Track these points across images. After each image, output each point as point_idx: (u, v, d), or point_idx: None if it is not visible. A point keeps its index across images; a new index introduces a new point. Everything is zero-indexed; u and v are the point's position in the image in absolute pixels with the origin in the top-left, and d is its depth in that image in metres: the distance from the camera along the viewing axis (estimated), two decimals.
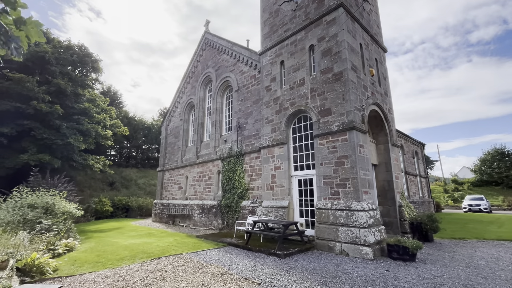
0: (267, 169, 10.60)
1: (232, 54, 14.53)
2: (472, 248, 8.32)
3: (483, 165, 41.32)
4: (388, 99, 11.20)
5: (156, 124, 39.68)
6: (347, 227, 7.44)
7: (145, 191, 29.45)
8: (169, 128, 20.02)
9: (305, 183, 9.50)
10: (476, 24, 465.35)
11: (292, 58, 10.47)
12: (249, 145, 12.21)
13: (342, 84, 8.49)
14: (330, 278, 5.34)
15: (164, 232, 12.37)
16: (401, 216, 9.60)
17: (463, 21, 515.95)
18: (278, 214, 9.56)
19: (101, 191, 25.58)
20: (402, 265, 6.30)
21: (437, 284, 4.98)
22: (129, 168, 34.19)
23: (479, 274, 5.64)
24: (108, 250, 8.06)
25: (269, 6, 12.19)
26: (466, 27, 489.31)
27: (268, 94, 11.20)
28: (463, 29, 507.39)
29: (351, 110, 8.16)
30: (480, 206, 24.97)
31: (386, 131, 10.50)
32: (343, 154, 8.11)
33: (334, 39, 9.01)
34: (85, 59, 21.37)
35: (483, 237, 10.19)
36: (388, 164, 10.23)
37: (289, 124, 10.25)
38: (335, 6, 9.09)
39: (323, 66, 9.19)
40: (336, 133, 8.35)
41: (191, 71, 18.48)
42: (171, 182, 18.16)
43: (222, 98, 15.44)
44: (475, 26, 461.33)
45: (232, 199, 12.15)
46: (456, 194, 38.18)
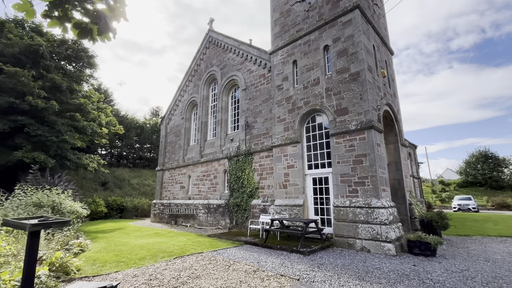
0: (279, 167, 10.61)
1: (239, 53, 14.48)
2: (481, 244, 8.66)
3: (468, 167, 43.13)
4: (396, 100, 11.50)
5: (148, 123, 38.92)
6: (367, 224, 7.56)
7: (139, 191, 28.73)
8: (169, 127, 19.67)
9: (319, 182, 9.58)
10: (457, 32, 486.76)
11: (305, 58, 10.56)
12: (259, 144, 12.18)
13: (360, 84, 8.64)
14: (364, 273, 5.41)
15: (171, 232, 12.11)
16: (412, 214, 9.86)
17: (445, 28, 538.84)
18: (293, 212, 9.58)
19: (94, 191, 24.75)
20: (426, 260, 6.47)
21: (469, 277, 5.15)
22: (121, 168, 33.29)
23: (501, 267, 5.88)
24: (124, 249, 7.80)
25: (279, 6, 12.25)
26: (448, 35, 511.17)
27: (280, 93, 11.23)
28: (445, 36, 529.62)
29: (369, 110, 8.31)
30: (469, 206, 26.04)
31: (396, 131, 10.77)
32: (361, 153, 8.25)
33: (350, 40, 9.17)
34: (80, 54, 20.66)
35: (486, 234, 10.64)
36: (398, 163, 10.50)
37: (302, 123, 10.31)
38: (351, 8, 9.25)
39: (339, 66, 9.32)
40: (354, 132, 8.48)
41: (193, 69, 18.25)
42: (172, 182, 17.82)
43: (227, 96, 15.34)
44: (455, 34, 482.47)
45: (241, 198, 12.06)
46: (443, 195, 39.66)
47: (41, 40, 17.67)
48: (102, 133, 21.71)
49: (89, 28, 2.11)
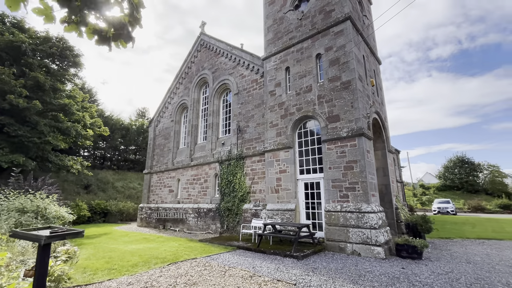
0: (271, 172, 10.73)
1: (231, 58, 14.55)
2: (462, 246, 9.15)
3: (446, 171, 45.23)
4: (384, 108, 11.98)
5: (134, 124, 38.03)
6: (358, 228, 7.81)
7: (124, 195, 27.93)
8: (157, 129, 19.36)
9: (311, 187, 9.79)
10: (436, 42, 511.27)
11: (298, 65, 10.80)
12: (251, 148, 12.27)
13: (351, 92, 8.95)
14: (357, 276, 5.60)
15: (160, 237, 11.90)
16: (398, 218, 10.27)
17: (425, 38, 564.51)
18: (285, 216, 9.71)
19: (76, 194, 23.84)
20: (413, 263, 6.77)
21: (454, 279, 5.46)
22: (105, 170, 32.28)
23: (482, 268, 6.27)
24: (114, 256, 7.61)
25: (273, 13, 12.48)
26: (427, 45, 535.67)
27: (273, 99, 11.40)
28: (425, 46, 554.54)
29: (360, 118, 8.63)
30: (448, 209, 27.30)
31: (383, 138, 11.21)
32: (352, 159, 8.52)
33: (342, 49, 9.49)
34: (65, 53, 19.99)
35: (465, 236, 11.23)
36: (386, 169, 10.92)
37: (295, 129, 10.51)
38: (343, 19, 9.60)
39: (331, 74, 9.61)
40: (345, 138, 8.76)
41: (184, 71, 18.12)
42: (160, 185, 17.51)
43: (219, 100, 15.35)
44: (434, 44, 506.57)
45: (232, 202, 12.07)
46: (424, 198, 41.33)
47: (24, 36, 16.97)
48: (87, 135, 21.02)
49: (108, 36, 2.13)
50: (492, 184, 41.35)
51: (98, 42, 2.06)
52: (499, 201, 33.53)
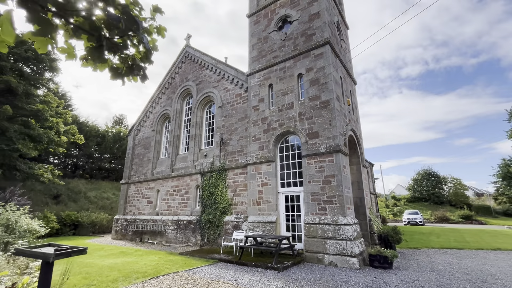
0: (253, 185, 11.02)
1: (216, 71, 14.91)
2: (427, 256, 9.93)
3: (415, 183, 48.14)
4: (359, 126, 12.85)
5: (110, 131, 36.76)
6: (334, 240, 8.26)
7: (97, 205, 26.59)
8: (137, 138, 18.99)
9: (291, 199, 10.18)
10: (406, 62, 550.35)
11: (281, 82, 11.38)
12: (233, 160, 12.51)
13: (329, 111, 9.62)
14: (334, 286, 5.97)
15: (139, 250, 11.59)
16: (371, 229, 10.92)
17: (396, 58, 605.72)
18: (266, 229, 9.97)
19: (44, 205, 22.35)
20: (384, 273, 7.30)
21: (419, 286, 6.01)
22: (77, 179, 30.63)
23: (444, 276, 6.92)
24: (91, 271, 7.38)
25: (258, 32, 13.10)
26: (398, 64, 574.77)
27: (256, 114, 11.83)
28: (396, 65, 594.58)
29: (337, 135, 9.27)
30: (416, 220, 29.00)
31: (358, 153, 11.99)
32: (330, 174, 9.07)
33: (322, 71, 10.22)
34: (41, 57, 19.22)
35: (431, 246, 12.15)
36: (360, 183, 11.63)
37: (277, 143, 10.96)
38: (323, 43, 10.38)
39: (311, 93, 10.27)
40: (323, 154, 9.33)
41: (167, 82, 18.15)
42: (138, 196, 17.07)
43: (202, 112, 15.52)
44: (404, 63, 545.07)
45: (214, 214, 12.12)
46: (395, 209, 43.43)
47: None
48: (60, 142, 20.06)
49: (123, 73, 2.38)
50: (455, 196, 44.63)
51: (113, 77, 2.29)
52: (461, 212, 36.24)
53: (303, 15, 11.43)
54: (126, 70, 2.32)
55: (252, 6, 13.75)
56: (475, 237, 16.05)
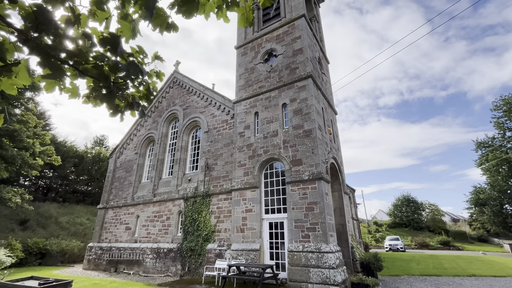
0: (237, 211, 10.98)
1: (203, 97, 15.31)
2: (407, 284, 10.08)
3: (395, 209, 49.26)
4: (340, 154, 13.43)
5: (90, 152, 35.53)
6: (318, 268, 8.28)
7: (68, 232, 24.83)
8: (119, 161, 18.53)
9: (275, 226, 10.20)
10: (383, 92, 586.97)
11: (266, 111, 11.89)
12: (218, 186, 12.49)
13: (312, 140, 10.09)
14: None
15: (113, 281, 10.87)
16: (353, 256, 11.03)
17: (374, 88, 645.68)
18: (249, 257, 9.81)
19: (10, 231, 20.63)
20: None
21: None
22: (48, 203, 28.77)
23: None
24: None
25: (245, 63, 13.83)
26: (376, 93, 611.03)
27: (241, 140, 12.12)
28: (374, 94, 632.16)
29: (319, 163, 9.66)
30: (397, 246, 29.36)
31: (339, 180, 12.40)
32: (313, 201, 9.30)
33: (304, 102, 10.85)
34: None
35: (411, 273, 12.35)
36: (342, 210, 11.91)
37: (261, 169, 11.17)
38: (306, 76, 11.14)
39: (295, 122, 10.78)
40: (306, 181, 9.61)
41: (154, 105, 18.27)
42: (115, 222, 16.28)
43: (188, 136, 15.62)
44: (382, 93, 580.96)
45: (196, 241, 11.78)
46: (377, 235, 43.81)
47: None
48: (34, 165, 19.11)
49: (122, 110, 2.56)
50: (433, 222, 45.94)
51: (112, 114, 2.47)
52: (440, 238, 37.15)
53: (287, 50, 12.31)
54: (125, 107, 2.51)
55: (240, 39, 14.63)
56: (452, 263, 16.49)
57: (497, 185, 31.00)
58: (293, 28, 12.48)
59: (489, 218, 33.63)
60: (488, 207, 33.26)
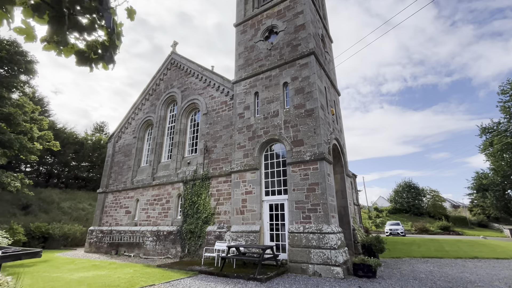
0: (237, 193, 10.76)
1: (201, 78, 14.80)
2: (409, 265, 9.96)
3: (396, 195, 49.30)
4: (342, 135, 13.05)
5: (90, 139, 35.29)
6: (319, 249, 8.11)
7: (71, 217, 25.00)
8: (118, 145, 18.27)
9: (276, 208, 9.99)
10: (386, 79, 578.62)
11: (266, 91, 11.42)
12: (217, 168, 12.23)
13: (314, 119, 9.69)
14: None
15: (113, 263, 10.85)
16: (355, 238, 10.88)
17: (377, 74, 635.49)
18: (249, 238, 9.67)
19: (12, 216, 20.73)
20: (368, 282, 7.19)
21: None
22: (50, 189, 28.86)
23: (426, 284, 6.90)
24: (57, 286, 6.74)
25: (244, 41, 13.22)
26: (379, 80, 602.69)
27: (241, 121, 11.74)
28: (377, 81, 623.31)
29: (321, 143, 9.31)
30: (398, 230, 29.47)
31: (342, 162, 12.09)
32: (314, 182, 9.02)
33: (306, 80, 10.37)
34: (16, 58, 18.36)
35: (413, 256, 12.25)
36: (344, 192, 11.67)
37: (262, 151, 10.85)
38: (308, 53, 10.59)
39: (296, 102, 10.34)
40: (308, 162, 9.30)
41: (151, 88, 17.79)
42: (115, 206, 16.22)
43: (187, 119, 15.24)
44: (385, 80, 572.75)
45: (195, 224, 11.66)
46: (378, 220, 44.07)
47: None
48: (33, 149, 18.89)
49: (90, 57, 2.19)
50: (434, 208, 46.06)
51: (79, 63, 2.10)
52: (440, 223, 37.30)
53: (289, 26, 11.68)
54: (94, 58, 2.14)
55: (240, 16, 13.94)
56: (454, 246, 16.45)
57: (501, 170, 30.69)
58: (295, 2, 11.79)
59: (491, 203, 33.56)
60: (491, 192, 33.10)
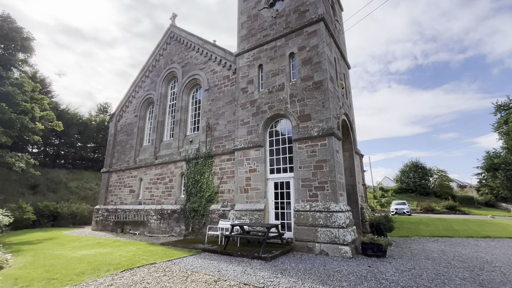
0: (241, 171, 10.37)
1: (202, 52, 13.97)
2: (419, 244, 9.64)
3: (403, 175, 48.80)
4: (352, 111, 12.33)
5: (94, 120, 35.11)
6: (326, 228, 7.77)
7: (78, 196, 25.41)
8: (119, 125, 17.91)
9: (281, 186, 9.61)
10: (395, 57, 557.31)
11: (271, 63, 10.64)
12: (220, 146, 11.79)
13: (322, 92, 8.99)
14: (326, 276, 5.46)
15: (117, 241, 10.83)
16: (363, 217, 10.54)
17: (386, 52, 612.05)
18: (254, 217, 9.40)
19: (20, 195, 21.05)
20: (378, 261, 6.87)
21: (416, 275, 5.58)
22: (57, 169, 29.18)
23: (440, 264, 6.55)
24: (57, 264, 6.61)
25: (247, 9, 12.21)
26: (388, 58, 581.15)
27: (244, 96, 11.09)
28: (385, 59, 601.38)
29: (330, 117, 8.68)
30: (404, 210, 29.28)
31: (351, 139, 11.49)
32: (322, 158, 8.52)
33: (315, 49, 9.53)
34: (11, 35, 17.66)
35: (421, 235, 11.94)
36: (352, 170, 11.18)
37: (266, 127, 10.29)
38: (317, 20, 9.66)
39: (304, 74, 9.59)
40: (315, 138, 8.74)
41: (151, 64, 17.04)
42: (119, 185, 16.14)
43: (188, 96, 14.62)
44: (394, 58, 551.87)
45: (199, 202, 11.45)
46: (383, 200, 44.01)
47: None
48: (35, 129, 18.69)
49: None
50: (441, 187, 45.60)
51: None
52: (446, 203, 36.98)
53: None
54: None
55: None
56: (463, 225, 16.10)
57: None
58: None
59: (502, 183, 32.88)
60: (502, 171, 32.31)
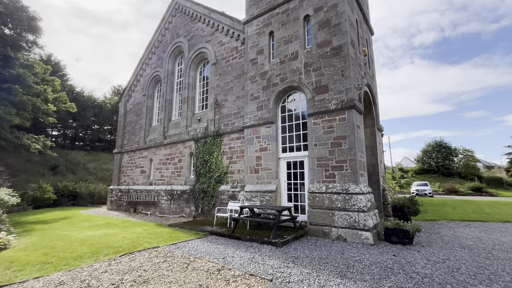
0: (251, 150, 9.64)
1: (209, 22, 12.87)
2: (449, 229, 8.68)
3: (425, 155, 46.39)
4: (375, 82, 11.02)
5: (108, 102, 35.29)
6: (344, 211, 6.99)
7: (96, 176, 26.07)
8: (128, 105, 17.53)
9: (294, 166, 8.81)
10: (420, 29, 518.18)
11: (283, 29, 9.46)
12: (229, 124, 11.04)
13: (342, 59, 7.83)
14: (345, 267, 4.75)
15: (127, 221, 10.68)
16: (385, 199, 9.63)
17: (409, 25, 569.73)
18: (265, 199, 8.76)
19: (41, 176, 21.74)
20: (404, 249, 6.06)
21: (453, 268, 4.74)
22: (76, 151, 29.93)
23: (479, 255, 5.64)
24: (58, 246, 6.36)
25: None
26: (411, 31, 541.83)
27: (254, 68, 10.08)
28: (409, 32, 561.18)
29: (351, 88, 7.58)
30: (425, 191, 27.82)
31: (373, 114, 10.33)
32: (340, 135, 7.56)
33: (334, 9, 8.24)
34: (18, 14, 17.22)
35: (450, 219, 10.90)
36: (374, 148, 10.13)
37: (278, 102, 9.35)
38: None
39: (320, 39, 8.40)
40: (333, 111, 7.74)
41: (157, 39, 16.18)
42: (131, 166, 16.03)
43: (195, 72, 13.77)
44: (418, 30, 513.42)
45: (208, 183, 10.96)
46: (402, 181, 42.26)
47: None
48: (48, 110, 18.76)
49: None
50: (466, 168, 42.97)
51: None
52: (472, 184, 34.81)
53: None
54: None
55: None
56: (494, 208, 14.78)
57: None
58: None
59: None
60: None
